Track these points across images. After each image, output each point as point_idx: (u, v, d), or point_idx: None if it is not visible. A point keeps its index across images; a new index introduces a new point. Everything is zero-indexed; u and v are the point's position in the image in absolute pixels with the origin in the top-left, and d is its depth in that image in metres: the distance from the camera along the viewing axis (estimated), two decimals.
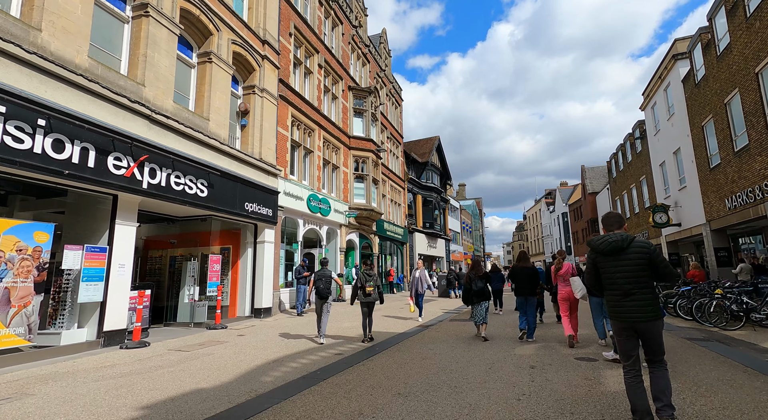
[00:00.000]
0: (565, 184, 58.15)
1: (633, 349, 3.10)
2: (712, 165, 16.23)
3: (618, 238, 3.15)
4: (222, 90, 10.25)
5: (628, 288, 3.06)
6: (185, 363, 5.74)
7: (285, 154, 13.39)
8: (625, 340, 3.11)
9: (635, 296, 3.04)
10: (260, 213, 11.24)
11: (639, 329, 3.05)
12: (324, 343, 7.15)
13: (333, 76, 17.75)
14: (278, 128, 13.00)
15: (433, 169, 32.47)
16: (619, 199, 31.42)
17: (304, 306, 12.08)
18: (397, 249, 25.80)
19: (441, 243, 34.25)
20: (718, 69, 14.81)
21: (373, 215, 19.05)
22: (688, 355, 5.68)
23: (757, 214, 13.02)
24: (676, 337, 7.37)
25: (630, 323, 3.06)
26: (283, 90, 13.56)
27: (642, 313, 3.01)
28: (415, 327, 9.27)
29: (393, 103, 26.89)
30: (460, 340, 7.29)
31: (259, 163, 11.45)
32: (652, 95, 22.68)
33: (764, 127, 12.19)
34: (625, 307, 3.07)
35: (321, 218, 15.52)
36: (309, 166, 15.33)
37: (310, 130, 15.41)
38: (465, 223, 48.75)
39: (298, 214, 14.12)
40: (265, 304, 11.34)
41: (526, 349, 6.32)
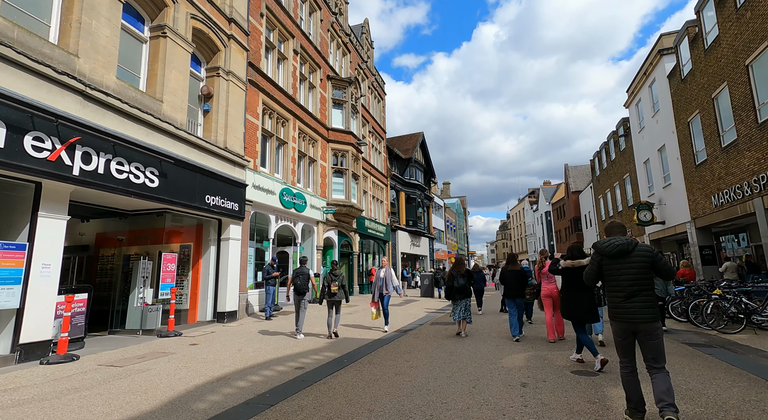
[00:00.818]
0: (549, 183, 58.44)
1: (631, 348, 3.21)
2: (697, 162, 15.94)
3: (624, 242, 3.25)
4: (179, 69, 9.17)
5: (631, 290, 3.15)
6: (109, 384, 4.73)
7: (255, 144, 12.34)
8: (624, 342, 3.23)
9: (638, 298, 3.12)
10: (224, 207, 10.20)
11: (640, 330, 3.11)
12: (302, 337, 7.82)
13: (310, 64, 16.74)
14: (247, 116, 11.95)
15: (417, 165, 31.74)
16: (602, 198, 31.38)
17: (273, 309, 11.09)
18: (379, 247, 24.95)
19: (425, 241, 33.58)
20: (706, 63, 14.47)
21: (352, 212, 18.14)
22: (697, 366, 5.00)
23: (744, 211, 12.69)
24: (675, 341, 6.74)
25: (632, 324, 3.14)
26: (253, 75, 12.50)
27: (644, 314, 3.09)
28: (392, 332, 8.43)
29: (375, 96, 26.00)
30: (441, 349, 6.49)
31: (223, 153, 10.40)
32: (636, 92, 22.46)
33: (754, 121, 11.83)
34: (628, 309, 3.15)
35: (296, 214, 14.52)
36: (282, 158, 14.30)
37: (284, 119, 14.38)
38: (449, 221, 48.30)
39: (269, 209, 13.09)
40: (229, 307, 10.31)
41: (515, 360, 5.55)
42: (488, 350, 6.27)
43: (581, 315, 5.03)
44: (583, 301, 5.01)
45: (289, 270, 14.68)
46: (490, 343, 6.95)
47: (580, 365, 5.13)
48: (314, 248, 16.05)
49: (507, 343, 6.83)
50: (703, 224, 15.96)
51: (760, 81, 11.64)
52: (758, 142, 11.72)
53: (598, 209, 32.84)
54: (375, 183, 24.18)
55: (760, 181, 11.71)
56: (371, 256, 23.97)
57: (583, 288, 5.03)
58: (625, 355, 3.24)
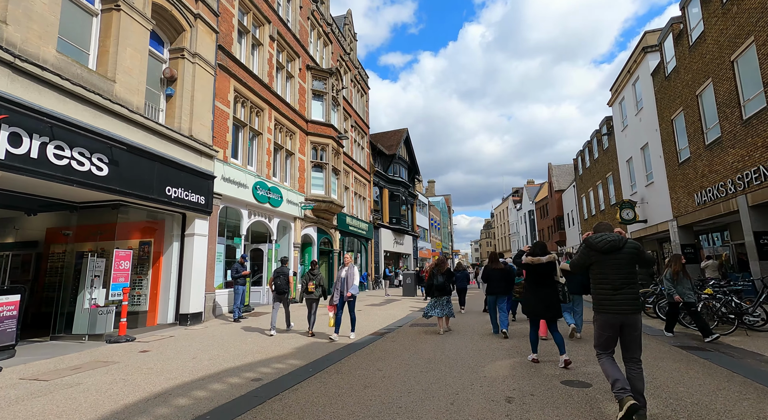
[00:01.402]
0: (532, 182, 58.83)
1: (612, 344, 3.35)
2: (680, 160, 15.86)
3: (616, 238, 3.40)
4: (136, 47, 8.31)
5: (619, 283, 3.31)
6: (20, 404, 3.97)
7: (225, 134, 11.52)
8: (607, 336, 3.34)
9: (625, 290, 3.28)
10: (188, 200, 9.39)
11: (625, 322, 3.25)
12: (274, 333, 8.09)
13: (288, 53, 15.93)
14: (216, 103, 11.12)
15: (401, 162, 31.19)
16: (585, 197, 31.49)
17: (243, 310, 10.34)
18: (361, 245, 24.31)
19: (408, 240, 33.10)
20: (690, 59, 14.33)
21: (332, 208, 17.44)
22: (697, 373, 4.56)
23: (728, 209, 12.57)
24: (666, 344, 6.34)
25: (618, 316, 3.26)
26: (224, 59, 11.67)
27: (630, 306, 3.25)
28: (367, 335, 7.82)
29: (358, 90, 25.30)
30: (418, 355, 5.91)
31: (188, 141, 9.57)
32: (620, 90, 22.42)
33: (739, 117, 11.68)
34: (615, 301, 3.28)
35: (271, 209, 13.74)
36: (257, 150, 13.49)
37: (259, 109, 13.57)
38: (434, 219, 48.00)
39: (241, 203, 12.29)
40: (193, 308, 9.52)
41: (499, 368, 5.01)
42: (470, 356, 5.72)
43: (539, 312, 5.08)
44: (543, 299, 5.05)
45: (264, 268, 13.91)
46: (472, 346, 6.42)
47: (571, 374, 4.62)
48: (291, 246, 15.30)
49: (490, 347, 6.31)
50: (685, 223, 15.89)
51: (746, 77, 11.48)
52: (743, 138, 11.57)
53: (580, 208, 32.98)
54: (357, 179, 23.51)
55: (744, 178, 11.57)
56: (352, 254, 23.29)
57: (543, 285, 5.12)
58: (606, 348, 3.35)
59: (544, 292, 5.11)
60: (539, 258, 5.18)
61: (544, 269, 5.18)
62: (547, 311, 5.07)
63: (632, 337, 3.25)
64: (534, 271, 5.24)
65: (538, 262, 5.17)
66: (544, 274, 5.19)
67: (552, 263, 5.23)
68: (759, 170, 10.89)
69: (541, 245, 5.37)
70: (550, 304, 5.06)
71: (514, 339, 7.03)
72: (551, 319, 5.13)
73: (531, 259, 5.23)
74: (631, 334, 3.25)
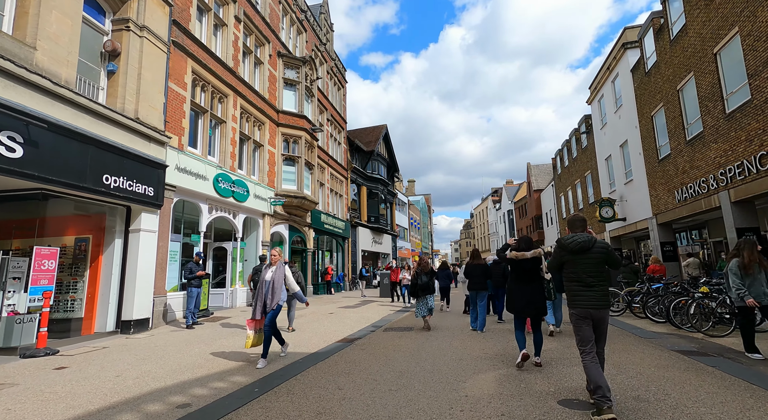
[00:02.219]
0: (511, 182, 59.18)
1: (591, 335, 3.46)
2: (660, 156, 15.67)
3: (585, 239, 3.56)
4: (65, 12, 7.14)
5: (589, 281, 3.50)
6: None
7: (181, 119, 10.37)
8: (585, 326, 3.48)
9: (595, 288, 3.48)
10: (133, 191, 8.25)
11: (595, 317, 3.46)
12: None
13: (256, 37, 14.83)
14: (170, 84, 9.97)
15: (380, 159, 30.36)
16: (563, 196, 31.52)
17: (199, 315, 9.24)
18: (337, 244, 23.32)
19: (387, 239, 32.30)
20: (672, 54, 14.10)
21: (305, 204, 16.42)
22: (712, 387, 3.89)
23: (709, 205, 12.32)
24: (661, 348, 5.73)
25: (588, 311, 3.45)
26: (180, 37, 10.52)
27: (599, 302, 3.45)
28: (334, 343, 6.92)
29: (335, 83, 24.32)
30: (389, 366, 5.07)
31: (133, 124, 8.42)
32: (599, 88, 22.32)
33: (721, 111, 11.41)
34: (586, 297, 3.48)
35: (236, 204, 12.63)
36: (220, 139, 12.36)
37: (222, 95, 12.44)
38: (413, 218, 47.43)
39: (200, 197, 11.15)
40: (138, 314, 8.36)
41: (484, 383, 4.22)
42: (449, 368, 4.92)
43: (522, 309, 4.87)
44: (527, 295, 4.83)
45: (229, 268, 12.79)
46: (452, 354, 5.63)
47: (567, 391, 3.87)
48: (259, 244, 14.20)
49: (472, 356, 5.53)
50: (664, 220, 15.70)
51: (729, 69, 11.21)
52: (725, 133, 11.30)
53: (559, 207, 33.04)
54: (334, 175, 22.52)
55: (727, 174, 11.30)
56: (329, 253, 22.30)
57: (528, 281, 4.90)
58: (586, 343, 3.43)
59: (528, 289, 4.86)
60: (523, 253, 4.91)
61: (528, 265, 4.91)
62: (531, 308, 4.81)
63: (601, 330, 3.49)
64: (518, 266, 4.97)
65: (523, 258, 4.90)
66: (529, 270, 4.92)
67: (537, 259, 4.95)
68: (743, 165, 10.61)
69: (527, 240, 5.06)
70: (534, 301, 4.80)
71: (498, 344, 6.30)
72: (535, 316, 4.89)
73: (515, 254, 4.97)
74: (600, 327, 3.48)
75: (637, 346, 5.86)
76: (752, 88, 10.10)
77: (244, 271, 13.64)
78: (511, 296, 4.99)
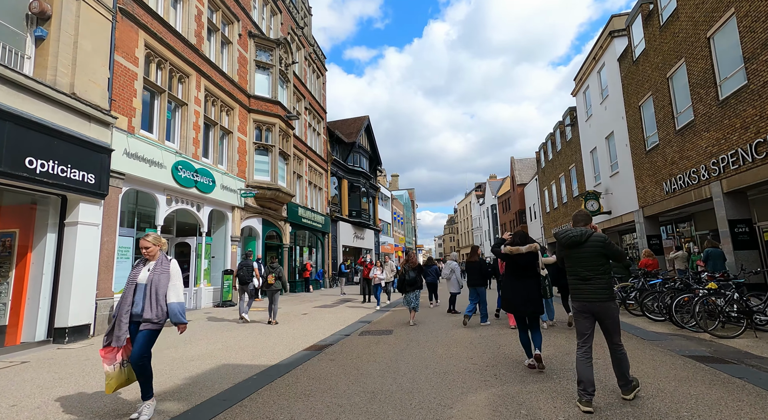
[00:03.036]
0: (494, 177, 59.10)
1: (587, 328, 3.45)
2: (648, 147, 15.26)
3: (577, 233, 3.54)
4: None
5: (585, 274, 3.45)
6: None
7: (131, 99, 9.17)
8: (582, 320, 3.47)
9: (592, 281, 3.43)
10: (68, 178, 7.08)
11: (595, 310, 3.41)
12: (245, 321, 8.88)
13: (224, 13, 13.60)
14: (116, 57, 8.75)
15: (362, 151, 29.35)
16: (547, 190, 31.28)
17: None
18: (316, 240, 22.30)
19: (369, 234, 31.42)
20: (661, 40, 13.60)
21: (280, 197, 15.34)
22: (751, 406, 3.16)
23: (700, 196, 11.91)
24: (670, 352, 5.05)
25: (588, 304, 3.42)
26: (129, 4, 9.28)
27: (597, 295, 3.39)
28: (301, 352, 6.00)
29: (314, 70, 23.13)
30: (359, 383, 4.20)
31: (67, 100, 7.23)
32: (584, 79, 21.90)
33: (714, 98, 10.93)
34: (583, 290, 3.45)
35: (200, 196, 11.48)
36: (180, 124, 11.16)
37: (183, 74, 11.23)
38: (397, 213, 46.68)
39: (156, 186, 9.98)
40: (75, 320, 7.23)
41: (474, 409, 3.40)
42: (431, 385, 4.08)
43: (517, 307, 4.56)
44: (523, 292, 4.53)
45: (192, 266, 11.66)
46: (436, 366, 4.80)
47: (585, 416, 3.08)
48: (228, 239, 13.09)
49: (458, 368, 4.71)
50: (651, 213, 15.34)
51: (723, 54, 10.72)
52: (718, 120, 10.84)
53: (542, 201, 32.82)
54: (313, 167, 21.43)
55: (719, 163, 10.85)
56: (307, 249, 21.27)
57: (523, 277, 4.61)
58: (581, 335, 3.45)
59: (524, 286, 4.57)
60: (518, 248, 4.61)
61: (524, 260, 4.61)
62: (527, 306, 4.50)
63: (606, 324, 3.40)
64: (513, 262, 4.67)
65: (518, 253, 4.60)
66: (525, 266, 4.62)
67: (533, 254, 4.62)
68: (737, 154, 10.15)
69: (522, 234, 4.79)
70: (530, 298, 4.50)
71: (488, 351, 5.51)
72: (531, 315, 4.55)
73: (510, 249, 4.65)
74: (605, 321, 3.40)
75: (644, 351, 5.17)
76: (749, 72, 9.60)
77: (211, 269, 12.53)
78: (506, 294, 4.68)
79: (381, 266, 11.47)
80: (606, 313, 3.36)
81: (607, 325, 3.39)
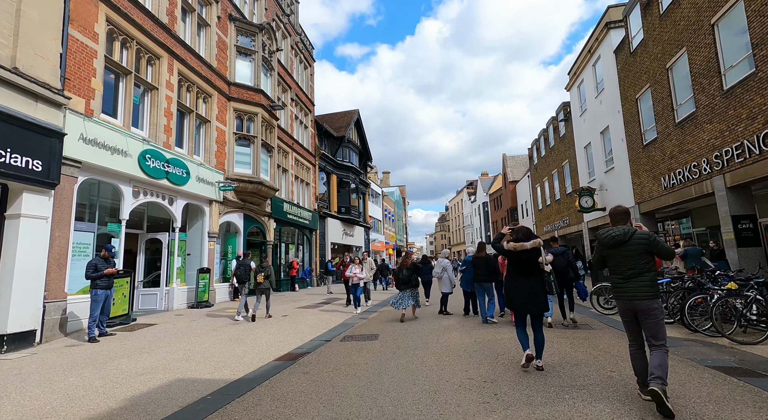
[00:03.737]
0: (486, 174, 58.73)
1: (634, 327, 3.42)
2: (645, 141, 14.77)
3: (620, 233, 3.46)
4: None
5: (629, 273, 3.39)
6: None
7: (89, 78, 8.25)
8: (627, 323, 3.47)
9: (634, 280, 3.37)
10: (7, 164, 6.20)
11: (638, 309, 3.33)
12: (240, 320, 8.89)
13: None
14: (71, 31, 7.84)
15: (351, 146, 28.51)
16: (539, 186, 30.86)
17: (104, 325, 7.28)
18: (303, 237, 21.47)
19: (359, 231, 30.64)
20: (661, 30, 13.07)
21: (263, 191, 14.49)
22: None
23: (701, 192, 11.41)
24: (692, 363, 4.43)
25: (630, 303, 3.37)
26: None
27: (641, 293, 3.32)
28: (272, 361, 5.25)
29: (301, 60, 22.22)
30: (331, 407, 3.47)
31: (7, 75, 6.32)
32: (579, 72, 21.40)
33: (718, 88, 10.41)
34: (626, 289, 3.39)
35: (171, 188, 10.60)
36: (150, 109, 10.25)
37: (153, 55, 10.31)
38: (387, 210, 45.97)
39: (121, 177, 9.08)
40: (15, 326, 6.35)
41: None
42: (419, 408, 3.37)
43: (521, 305, 4.39)
44: (527, 290, 4.38)
45: (164, 265, 10.79)
46: (425, 382, 4.09)
47: None
48: (205, 235, 12.22)
49: (452, 384, 4.02)
50: (648, 209, 14.88)
51: (728, 41, 10.19)
52: (722, 111, 10.32)
53: (535, 198, 32.41)
54: (299, 161, 20.57)
55: (723, 156, 10.34)
56: (294, 246, 20.43)
57: (527, 274, 4.45)
58: (630, 333, 3.47)
59: (528, 283, 4.42)
60: (522, 244, 4.42)
61: (527, 257, 4.43)
62: (532, 305, 4.33)
63: (648, 324, 3.31)
64: (517, 259, 4.48)
65: (522, 249, 4.40)
66: (528, 263, 4.44)
67: (537, 250, 4.44)
68: (742, 146, 9.63)
69: (525, 230, 4.58)
70: (534, 296, 4.35)
71: (486, 361, 4.82)
72: (535, 313, 4.40)
73: (514, 246, 4.44)
74: (646, 320, 3.31)
75: None
76: (757, 59, 9.07)
77: (185, 267, 11.66)
78: (509, 292, 4.50)
79: (360, 264, 10.13)
80: (647, 312, 3.27)
81: (649, 325, 3.27)
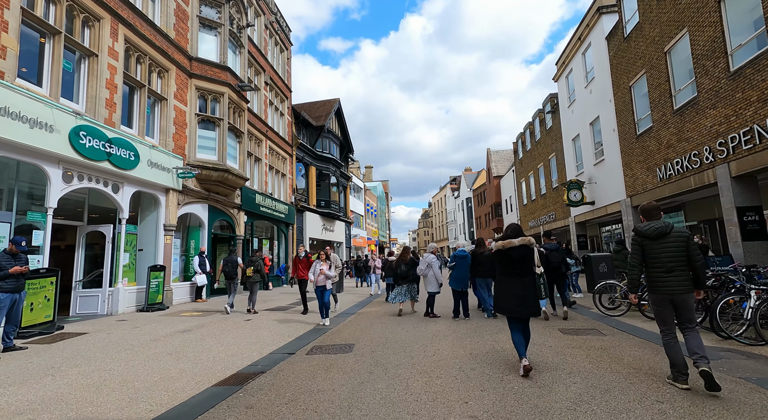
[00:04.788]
0: (470, 169, 58.23)
1: (670, 316, 3.60)
2: (639, 131, 14.07)
3: (662, 225, 3.62)
4: None
5: (671, 265, 3.53)
6: None
7: None
8: (664, 310, 3.60)
9: (676, 272, 3.51)
10: None
11: (676, 300, 3.52)
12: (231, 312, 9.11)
13: None
14: None
15: (332, 136, 27.13)
16: (524, 181, 30.28)
17: (10, 337, 5.85)
18: (279, 231, 20.07)
19: (340, 226, 29.35)
20: (659, 11, 12.30)
21: (230, 180, 13.06)
22: None
23: (701, 182, 10.70)
24: (739, 381, 3.46)
25: (669, 295, 3.53)
26: None
27: (681, 287, 3.49)
28: (210, 387, 4.01)
29: (277, 42, 20.70)
30: None
31: None
32: (567, 62, 20.67)
33: (724, 69, 9.65)
34: (667, 282, 3.53)
35: (116, 172, 9.12)
36: (86, 79, 8.73)
37: (90, 15, 8.77)
38: (370, 205, 44.76)
39: (46, 157, 7.57)
40: None
41: None
42: None
43: (512, 308, 4.10)
44: (517, 292, 4.08)
45: (107, 262, 9.31)
46: (407, 414, 2.96)
47: None
48: (160, 228, 10.76)
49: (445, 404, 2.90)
50: (640, 202, 14.16)
51: (735, 17, 9.43)
52: (728, 95, 9.56)
53: (519, 193, 31.85)
54: (274, 151, 19.13)
55: (728, 143, 9.60)
56: (268, 241, 19.02)
57: (518, 275, 4.14)
58: (664, 323, 3.61)
59: (518, 285, 4.14)
60: (510, 241, 4.18)
61: (517, 254, 4.16)
62: (522, 308, 4.07)
63: (682, 312, 3.54)
64: (506, 257, 4.22)
65: (510, 246, 4.16)
66: (519, 261, 4.16)
67: (525, 247, 4.16)
68: (751, 131, 8.89)
69: (516, 228, 4.34)
70: (526, 299, 4.08)
71: (489, 388, 3.74)
72: (527, 317, 4.16)
73: (501, 244, 4.22)
74: (684, 313, 3.54)
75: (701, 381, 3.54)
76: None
77: (136, 265, 10.20)
78: (499, 293, 4.26)
79: (326, 261, 7.92)
80: (685, 305, 3.51)
81: (682, 313, 3.53)
